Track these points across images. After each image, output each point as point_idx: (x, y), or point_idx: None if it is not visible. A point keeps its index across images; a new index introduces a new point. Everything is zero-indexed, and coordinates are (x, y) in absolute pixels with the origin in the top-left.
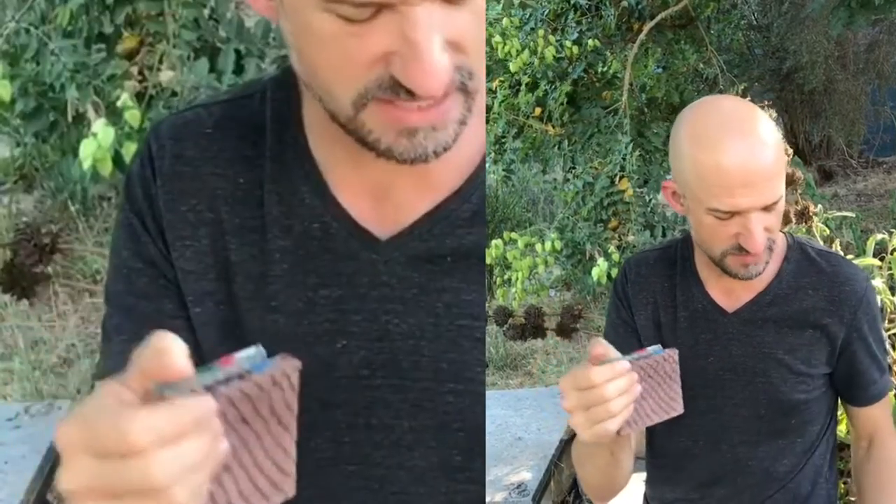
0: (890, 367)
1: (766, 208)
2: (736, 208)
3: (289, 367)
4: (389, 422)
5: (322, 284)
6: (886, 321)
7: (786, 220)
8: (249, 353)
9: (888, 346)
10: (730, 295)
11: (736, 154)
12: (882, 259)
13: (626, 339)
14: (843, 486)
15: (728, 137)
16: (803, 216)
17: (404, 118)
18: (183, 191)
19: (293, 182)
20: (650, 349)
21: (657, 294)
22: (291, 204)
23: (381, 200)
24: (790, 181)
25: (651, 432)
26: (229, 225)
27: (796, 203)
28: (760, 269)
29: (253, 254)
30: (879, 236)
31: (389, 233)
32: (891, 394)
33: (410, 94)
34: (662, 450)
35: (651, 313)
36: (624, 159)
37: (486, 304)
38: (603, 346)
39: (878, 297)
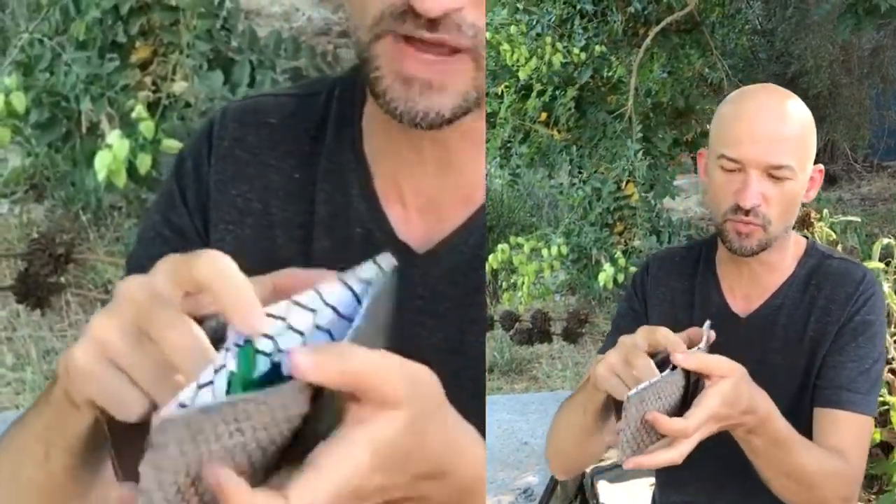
0: (890, 386)
1: (771, 175)
2: (739, 157)
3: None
4: None
5: None
6: (893, 326)
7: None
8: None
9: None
10: (746, 300)
11: (753, 108)
12: (888, 264)
13: (632, 329)
14: None
15: (754, 96)
16: (804, 223)
17: (406, 62)
18: (236, 175)
19: (344, 183)
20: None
21: (676, 293)
22: (338, 205)
23: (424, 212)
24: None
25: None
26: (279, 219)
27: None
28: (753, 246)
29: (298, 251)
30: (885, 241)
31: (427, 245)
32: (862, 419)
33: (417, 19)
34: None
35: (667, 311)
36: (631, 164)
37: (492, 309)
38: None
39: (885, 303)
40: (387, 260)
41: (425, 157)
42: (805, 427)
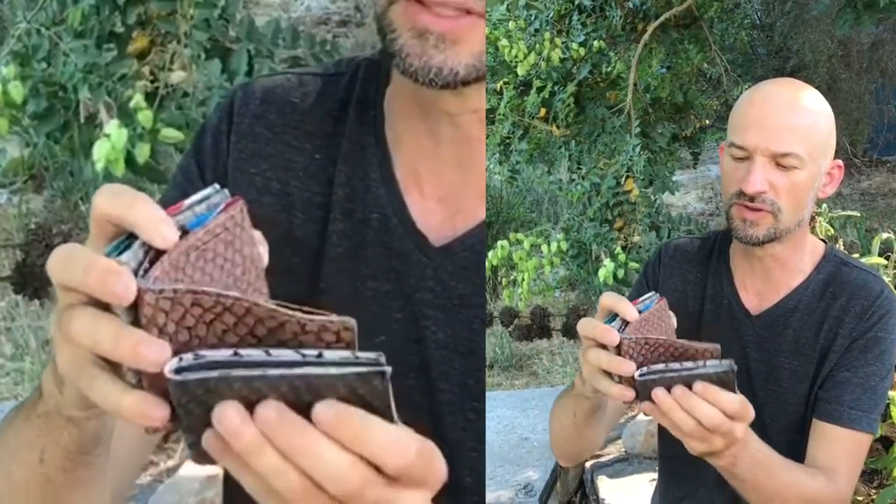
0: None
1: (779, 164)
2: (745, 143)
3: (234, 209)
4: (415, 426)
5: (371, 276)
6: None
7: None
8: (205, 194)
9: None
10: (758, 297)
11: (763, 97)
12: (888, 258)
13: None
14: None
15: (767, 87)
16: None
17: (420, 16)
18: (256, 153)
19: (364, 166)
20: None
21: (688, 284)
22: (358, 188)
23: (443, 203)
24: None
25: (662, 428)
26: (297, 199)
27: None
28: (758, 235)
29: (316, 231)
30: (885, 235)
31: (445, 239)
32: (861, 436)
33: None
34: (671, 446)
35: (677, 301)
36: (630, 160)
37: (492, 306)
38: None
39: None
40: (367, 355)
41: (444, 148)
42: (805, 434)
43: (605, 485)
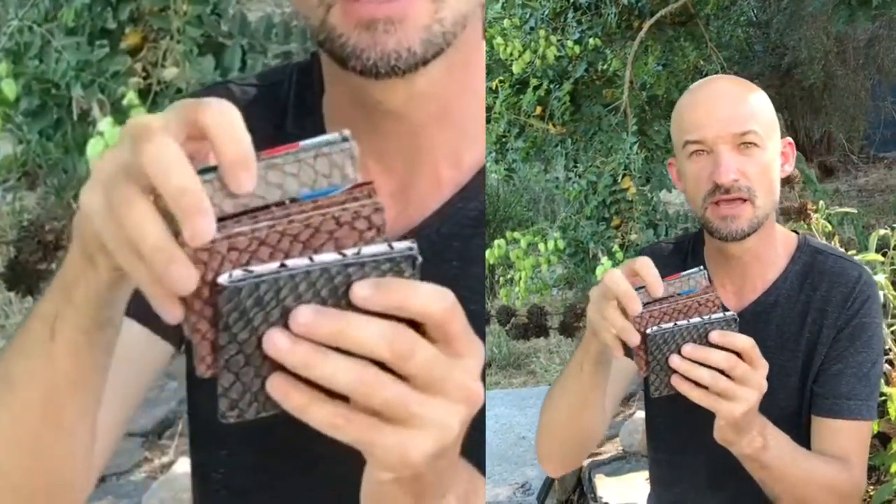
0: (887, 377)
1: (740, 146)
2: (703, 136)
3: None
4: None
5: None
6: (889, 317)
7: (786, 216)
8: (325, 140)
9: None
10: (737, 296)
11: (707, 89)
12: (885, 254)
13: None
14: None
15: (704, 84)
16: (801, 213)
17: (361, 10)
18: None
19: None
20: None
21: None
22: None
23: (395, 197)
24: (787, 180)
25: (651, 429)
26: None
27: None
28: (742, 228)
29: None
30: (882, 232)
31: (402, 233)
32: (863, 424)
33: None
34: (663, 447)
35: None
36: (627, 157)
37: (489, 304)
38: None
39: (881, 293)
40: (400, 245)
41: (389, 143)
42: (804, 430)
43: (602, 483)
